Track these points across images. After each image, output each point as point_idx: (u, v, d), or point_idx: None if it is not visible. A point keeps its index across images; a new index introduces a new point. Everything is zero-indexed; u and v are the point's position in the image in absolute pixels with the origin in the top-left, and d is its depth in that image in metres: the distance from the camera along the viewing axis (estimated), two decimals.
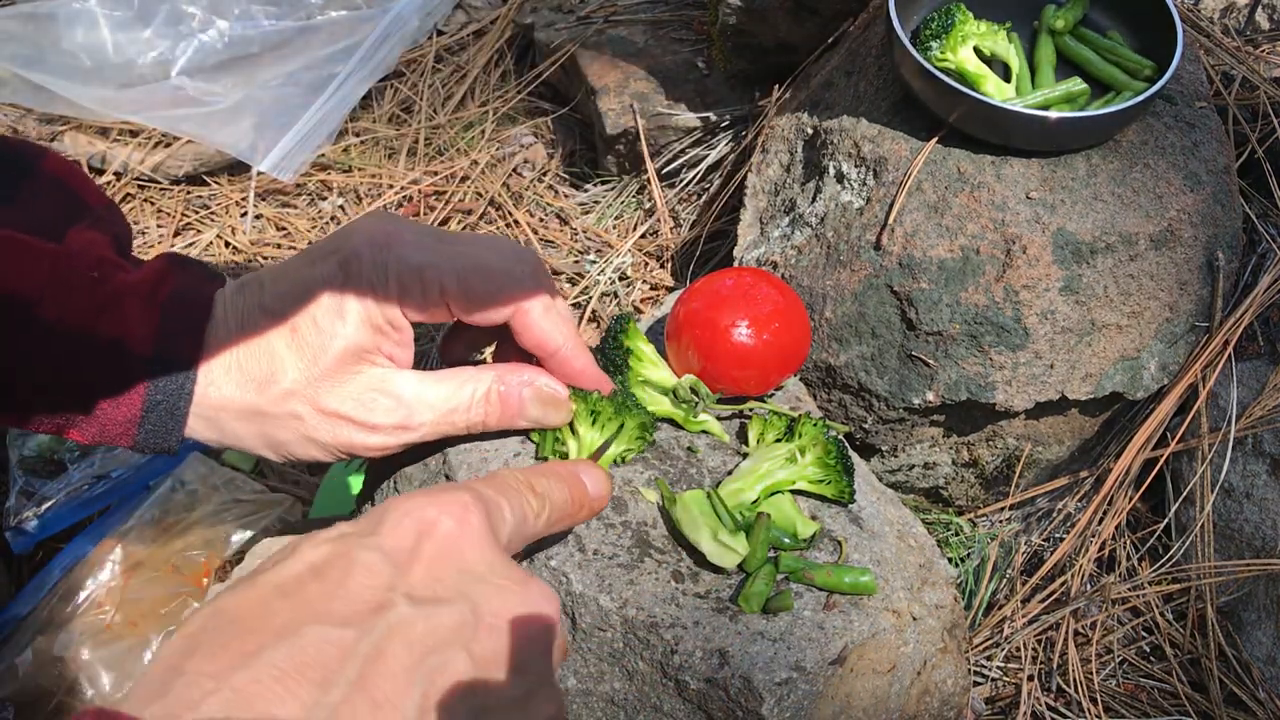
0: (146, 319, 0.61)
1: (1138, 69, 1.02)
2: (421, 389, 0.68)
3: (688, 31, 1.59)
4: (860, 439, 1.05)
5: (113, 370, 0.61)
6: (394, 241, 0.65)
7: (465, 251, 0.67)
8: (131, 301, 0.61)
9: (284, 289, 0.65)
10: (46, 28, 1.56)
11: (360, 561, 0.45)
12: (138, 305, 0.62)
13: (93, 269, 0.61)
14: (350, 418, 0.65)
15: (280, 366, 0.64)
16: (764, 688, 0.66)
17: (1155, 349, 1.00)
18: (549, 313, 0.70)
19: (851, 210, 1.03)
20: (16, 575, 1.19)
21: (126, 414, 0.62)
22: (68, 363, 0.61)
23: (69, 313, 0.60)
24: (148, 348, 0.61)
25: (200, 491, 1.16)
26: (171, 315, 0.62)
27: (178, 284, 0.63)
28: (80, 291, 0.60)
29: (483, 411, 0.69)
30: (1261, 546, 1.02)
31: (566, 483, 0.59)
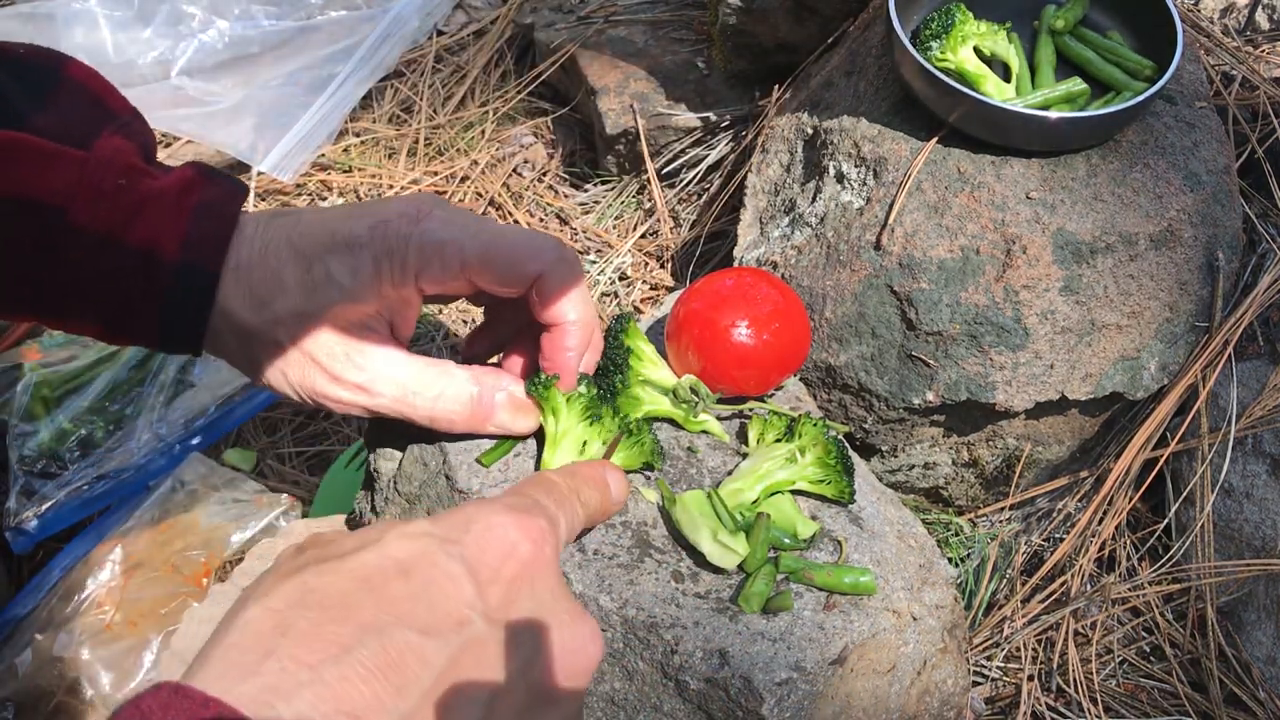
0: (174, 226, 0.63)
1: (1138, 69, 1.02)
2: (393, 362, 0.69)
3: (688, 31, 1.59)
4: (860, 439, 1.05)
5: (140, 275, 0.63)
6: (424, 216, 0.67)
7: (494, 229, 0.69)
8: (159, 208, 0.63)
9: (314, 232, 0.67)
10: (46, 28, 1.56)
11: (444, 570, 0.45)
12: (166, 213, 0.63)
13: (120, 176, 0.63)
14: (320, 364, 0.67)
15: (281, 295, 0.66)
16: (764, 688, 0.66)
17: (1155, 349, 1.00)
18: (571, 285, 0.70)
19: (851, 210, 1.03)
20: (16, 575, 1.19)
21: (154, 316, 0.65)
22: (97, 266, 0.63)
23: (98, 218, 0.62)
24: (175, 254, 0.63)
25: (200, 491, 1.16)
26: (198, 224, 0.64)
27: (204, 194, 0.65)
28: (108, 197, 0.62)
29: (454, 409, 0.71)
30: (1261, 546, 1.02)
31: (599, 489, 0.60)
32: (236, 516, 1.15)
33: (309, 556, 0.45)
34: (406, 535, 0.46)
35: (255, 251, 0.66)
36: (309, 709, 0.38)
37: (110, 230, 0.62)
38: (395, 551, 0.45)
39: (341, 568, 0.44)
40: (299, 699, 0.38)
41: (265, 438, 1.31)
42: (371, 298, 0.67)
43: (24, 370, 1.24)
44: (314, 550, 0.46)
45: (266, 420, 1.32)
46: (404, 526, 0.47)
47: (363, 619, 0.42)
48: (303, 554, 0.45)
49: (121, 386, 1.25)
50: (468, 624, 0.44)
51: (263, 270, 0.65)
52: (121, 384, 1.25)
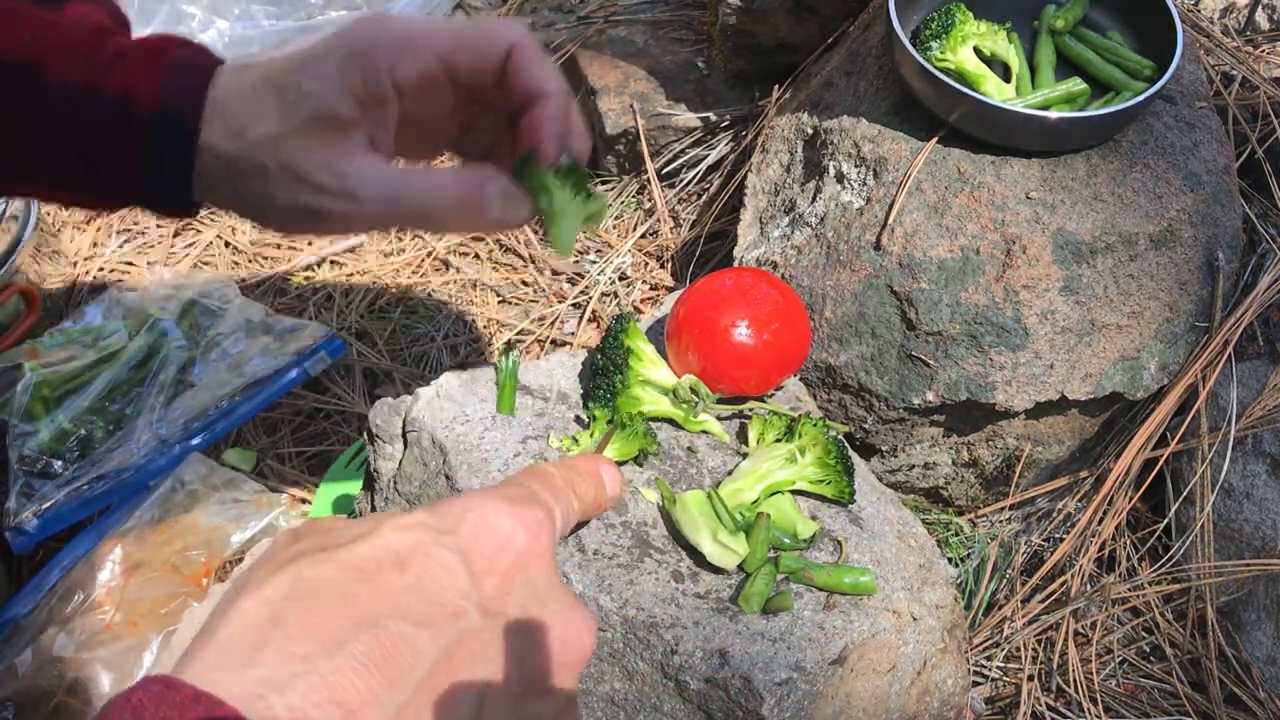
0: (151, 76, 0.63)
1: (1138, 69, 1.02)
2: (377, 166, 0.68)
3: (688, 31, 1.59)
4: (860, 439, 1.05)
5: (119, 123, 0.63)
6: (387, 18, 0.68)
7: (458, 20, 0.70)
8: (135, 60, 0.64)
9: (282, 59, 0.67)
10: None
11: (439, 560, 0.45)
12: (142, 64, 0.64)
13: (93, 33, 0.64)
14: (302, 176, 0.66)
15: (258, 121, 0.65)
16: (764, 688, 0.66)
17: (1155, 349, 1.00)
18: (545, 55, 0.70)
19: (851, 210, 1.03)
20: (16, 575, 1.19)
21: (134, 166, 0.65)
22: (78, 119, 0.63)
23: (73, 70, 0.62)
24: (154, 99, 0.63)
25: (200, 491, 1.16)
26: (175, 75, 0.64)
27: (180, 51, 0.65)
28: (82, 51, 0.63)
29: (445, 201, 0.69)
30: (1261, 546, 1.02)
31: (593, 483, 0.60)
32: (236, 516, 1.15)
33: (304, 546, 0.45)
34: (401, 526, 0.46)
35: (232, 90, 0.66)
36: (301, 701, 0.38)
37: (84, 81, 0.62)
38: (390, 542, 0.45)
39: (336, 558, 0.44)
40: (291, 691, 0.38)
41: (265, 438, 1.31)
42: (344, 103, 0.66)
43: (24, 370, 1.23)
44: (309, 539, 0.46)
45: (266, 420, 1.32)
46: (399, 518, 0.47)
47: (357, 611, 0.42)
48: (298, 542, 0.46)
49: (121, 386, 1.25)
50: (462, 615, 0.44)
51: (240, 103, 0.66)
52: (121, 384, 1.25)
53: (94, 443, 1.20)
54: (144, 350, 1.27)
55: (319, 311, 1.43)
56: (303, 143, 0.66)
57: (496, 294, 1.44)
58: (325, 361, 1.29)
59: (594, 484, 0.60)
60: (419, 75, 0.67)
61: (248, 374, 1.25)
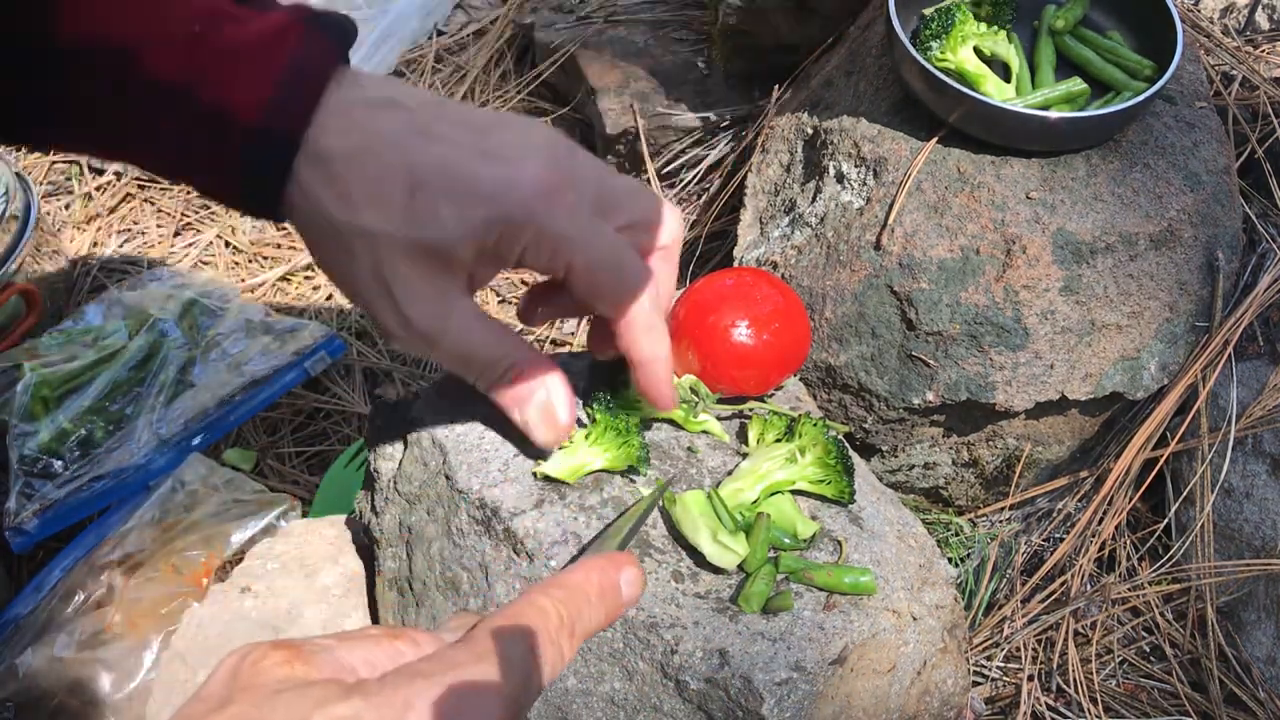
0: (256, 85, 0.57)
1: (1138, 69, 1.02)
2: (466, 321, 0.65)
3: (688, 31, 1.59)
4: (860, 439, 1.05)
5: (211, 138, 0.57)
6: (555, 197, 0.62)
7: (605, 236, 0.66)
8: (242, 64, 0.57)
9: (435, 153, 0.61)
10: None
11: None
12: (249, 69, 0.57)
13: (197, 22, 0.56)
14: (395, 296, 0.62)
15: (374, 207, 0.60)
16: (764, 688, 0.66)
17: (1155, 349, 1.00)
18: (649, 330, 0.69)
19: (851, 210, 1.03)
20: (16, 575, 1.19)
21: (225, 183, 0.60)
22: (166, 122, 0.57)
23: (166, 68, 0.56)
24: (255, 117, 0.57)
25: (200, 491, 1.16)
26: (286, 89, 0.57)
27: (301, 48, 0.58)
28: (178, 46, 0.56)
29: (493, 379, 0.69)
30: (1261, 546, 1.02)
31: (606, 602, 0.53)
32: (236, 516, 1.15)
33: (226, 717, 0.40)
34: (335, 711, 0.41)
35: (354, 143, 0.59)
36: None
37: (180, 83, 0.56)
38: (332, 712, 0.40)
39: None
40: None
41: (265, 438, 1.31)
42: (469, 252, 0.62)
43: (24, 370, 1.24)
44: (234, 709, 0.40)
45: (266, 420, 1.32)
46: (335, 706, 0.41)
47: None
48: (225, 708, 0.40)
49: (121, 386, 1.25)
50: None
51: (361, 168, 0.59)
52: (121, 384, 1.25)
53: (94, 443, 1.20)
54: (144, 350, 1.27)
55: (319, 311, 1.43)
56: (409, 263, 0.62)
57: (496, 294, 1.44)
58: (325, 361, 1.29)
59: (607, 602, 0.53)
60: (542, 270, 0.65)
61: (248, 374, 1.25)
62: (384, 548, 0.80)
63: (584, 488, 0.74)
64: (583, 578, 0.53)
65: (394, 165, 0.60)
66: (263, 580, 0.87)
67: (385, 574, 0.80)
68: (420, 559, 0.76)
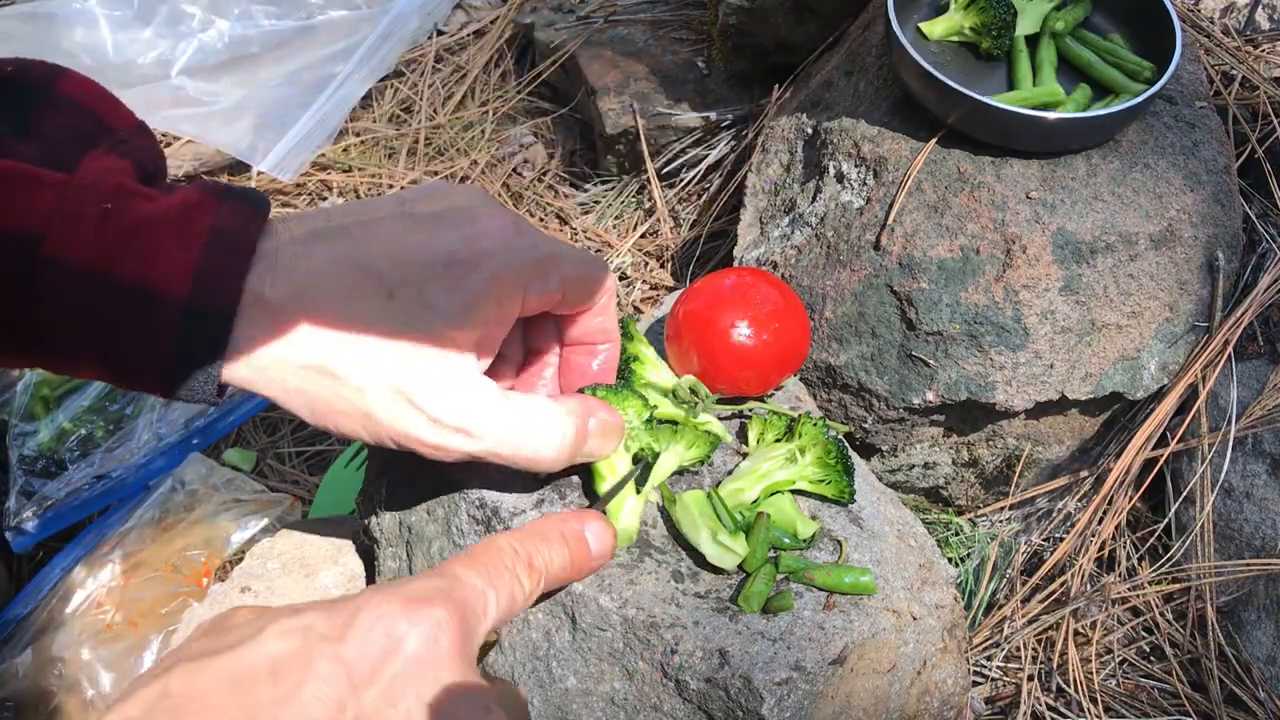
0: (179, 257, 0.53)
1: (1138, 70, 1.02)
2: (498, 402, 0.61)
3: (688, 31, 1.59)
4: (860, 439, 1.05)
5: (137, 316, 0.54)
6: (521, 229, 0.61)
7: (563, 242, 0.66)
8: (160, 237, 0.54)
9: (385, 248, 0.58)
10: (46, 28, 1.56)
11: (318, 671, 0.43)
12: (168, 241, 0.54)
13: (106, 199, 0.53)
14: (418, 405, 0.58)
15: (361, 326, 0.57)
16: (764, 687, 0.66)
17: (1155, 349, 1.00)
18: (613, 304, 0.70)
19: (851, 210, 1.03)
20: (16, 575, 1.19)
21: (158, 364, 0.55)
22: (85, 308, 0.53)
23: (80, 249, 0.52)
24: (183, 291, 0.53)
25: (200, 491, 1.16)
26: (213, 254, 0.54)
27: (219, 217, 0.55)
28: (90, 224, 0.52)
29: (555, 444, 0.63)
30: (1261, 546, 1.02)
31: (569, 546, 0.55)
32: (236, 516, 1.15)
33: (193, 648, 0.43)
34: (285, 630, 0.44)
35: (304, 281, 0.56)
36: None
37: (96, 262, 0.53)
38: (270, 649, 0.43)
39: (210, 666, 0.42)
40: None
41: (265, 438, 1.31)
42: (477, 323, 0.59)
43: (24, 370, 1.24)
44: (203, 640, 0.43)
45: (266, 420, 1.32)
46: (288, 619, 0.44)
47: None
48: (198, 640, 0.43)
49: None
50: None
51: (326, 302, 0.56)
52: None
53: (94, 443, 1.20)
54: None
55: None
56: (422, 365, 0.58)
57: None
58: None
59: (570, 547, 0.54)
60: (544, 303, 0.63)
61: None
62: (384, 548, 0.80)
63: (584, 487, 0.74)
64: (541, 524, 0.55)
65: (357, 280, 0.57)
66: (263, 580, 0.87)
67: (385, 574, 0.80)
68: (420, 559, 0.76)
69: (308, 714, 0.42)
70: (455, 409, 0.59)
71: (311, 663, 0.43)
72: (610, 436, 0.68)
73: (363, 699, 0.43)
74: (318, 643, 0.44)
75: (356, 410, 0.58)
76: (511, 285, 0.60)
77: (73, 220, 0.52)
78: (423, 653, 0.45)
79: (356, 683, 0.43)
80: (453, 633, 0.46)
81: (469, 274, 0.58)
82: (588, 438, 0.65)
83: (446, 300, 0.58)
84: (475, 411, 0.60)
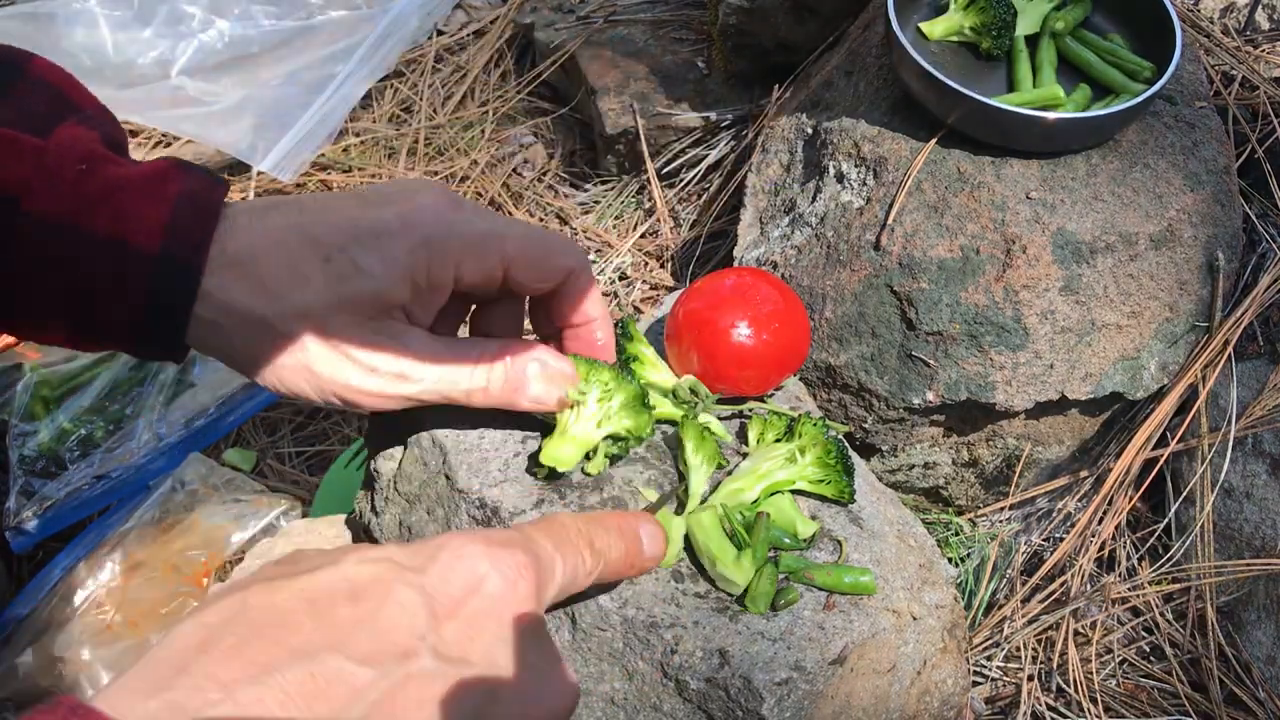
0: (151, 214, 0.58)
1: (1137, 70, 1.02)
2: (432, 345, 0.66)
3: (688, 31, 1.59)
4: (860, 439, 1.05)
5: (112, 267, 0.58)
6: (460, 208, 0.65)
7: (522, 223, 0.68)
8: (132, 195, 0.58)
9: (329, 219, 0.63)
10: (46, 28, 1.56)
11: (398, 598, 0.43)
12: (140, 199, 0.58)
13: (80, 162, 0.58)
14: (353, 356, 0.63)
15: (300, 287, 0.61)
16: (764, 687, 0.66)
17: (1155, 349, 1.00)
18: (594, 282, 0.70)
19: (851, 210, 1.03)
20: (16, 575, 1.19)
21: (127, 315, 0.59)
22: (61, 261, 0.57)
23: (57, 205, 0.57)
24: (154, 244, 0.58)
25: (200, 491, 1.16)
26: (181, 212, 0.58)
27: (185, 183, 0.60)
28: (68, 183, 0.57)
29: (484, 379, 0.68)
30: (1261, 546, 1.02)
31: (625, 540, 0.57)
32: (236, 516, 1.15)
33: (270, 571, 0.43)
34: (366, 559, 0.44)
35: (256, 241, 0.61)
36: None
37: (72, 217, 0.57)
38: (350, 573, 0.43)
39: (289, 586, 0.42)
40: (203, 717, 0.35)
41: (265, 438, 1.31)
42: (404, 289, 0.63)
43: (24, 370, 1.24)
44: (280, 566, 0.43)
45: (266, 420, 1.32)
46: (367, 549, 0.45)
47: (295, 640, 0.39)
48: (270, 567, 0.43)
49: (121, 386, 1.25)
50: (413, 657, 0.41)
51: (271, 262, 0.61)
52: (121, 384, 1.25)
53: (94, 443, 1.20)
54: None
55: None
56: (355, 320, 0.62)
57: None
58: None
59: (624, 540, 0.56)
60: (483, 276, 0.66)
61: None
62: None
63: (584, 488, 0.74)
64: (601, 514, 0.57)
65: (300, 244, 0.61)
66: None
67: None
68: None
69: (386, 639, 0.41)
70: (389, 357, 0.64)
71: (392, 589, 0.43)
72: (554, 383, 0.70)
73: (442, 630, 0.43)
74: (400, 571, 0.44)
75: (300, 365, 0.63)
76: (440, 255, 0.64)
77: (50, 179, 0.56)
78: (504, 593, 0.45)
79: (437, 614, 0.43)
80: (531, 580, 0.47)
81: (396, 242, 0.62)
82: (526, 380, 0.68)
83: (376, 264, 0.62)
84: (409, 356, 0.65)
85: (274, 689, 0.37)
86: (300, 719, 0.37)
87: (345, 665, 0.39)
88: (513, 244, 0.65)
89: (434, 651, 0.42)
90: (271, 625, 0.40)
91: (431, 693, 0.41)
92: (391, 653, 0.41)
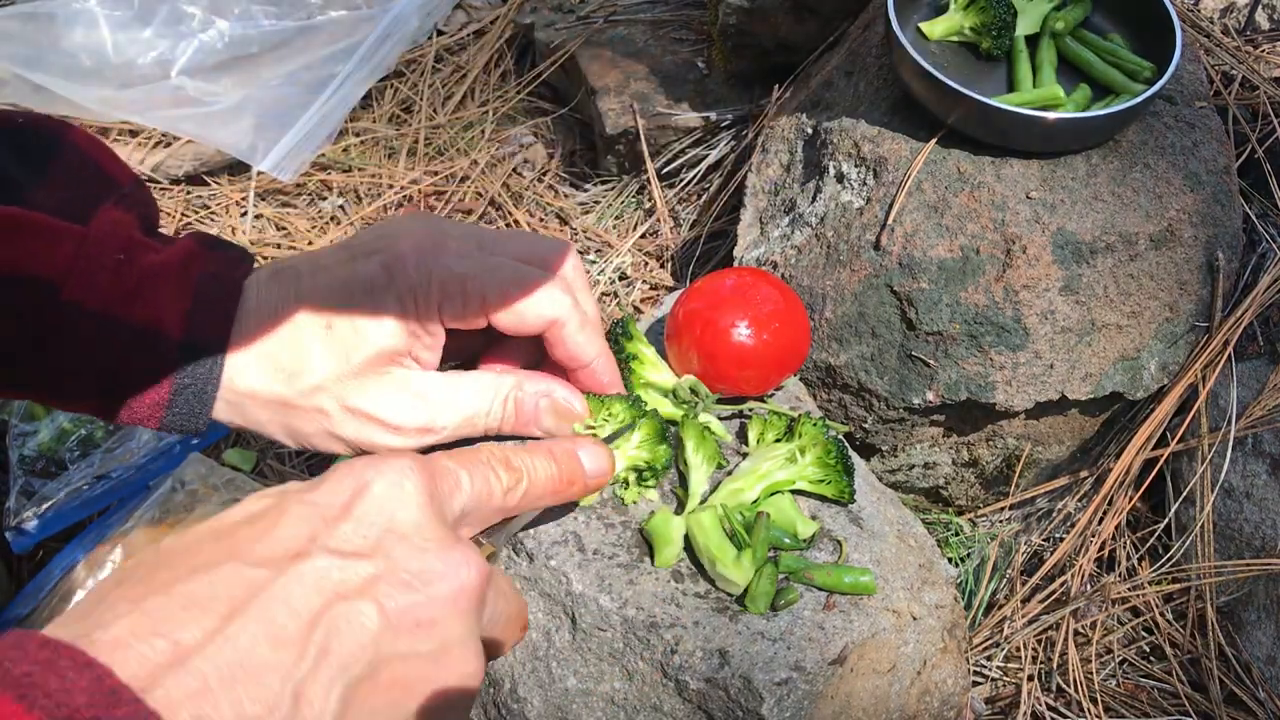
0: (177, 302, 0.62)
1: (1137, 70, 1.02)
2: (446, 391, 0.69)
3: (688, 31, 1.59)
4: (860, 439, 1.05)
5: (143, 354, 0.62)
6: (440, 249, 0.67)
7: (506, 263, 0.69)
8: (161, 284, 0.62)
9: (323, 283, 0.66)
10: (46, 28, 1.56)
11: (291, 512, 0.47)
12: (168, 288, 0.63)
13: (119, 251, 0.62)
14: (376, 417, 0.67)
15: (310, 361, 0.65)
16: (764, 687, 0.66)
17: (1155, 349, 1.00)
18: (583, 327, 0.71)
19: (851, 210, 1.03)
20: (16, 575, 1.19)
21: (155, 396, 0.64)
22: (96, 345, 0.62)
23: (95, 296, 0.61)
24: (178, 331, 0.63)
25: (200, 491, 1.16)
26: (202, 298, 0.63)
27: (207, 266, 0.64)
28: (105, 274, 0.61)
29: (499, 416, 0.71)
30: (1261, 546, 1.02)
31: (556, 459, 0.59)
32: None
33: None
34: (265, 493, 0.48)
35: (265, 319, 0.65)
36: (126, 634, 0.39)
37: (109, 307, 0.61)
38: (250, 506, 0.47)
39: (196, 528, 0.46)
40: (115, 627, 0.39)
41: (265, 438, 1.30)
42: (402, 338, 0.67)
43: None
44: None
45: None
46: (267, 489, 0.49)
47: (197, 561, 0.43)
48: None
49: None
50: (307, 556, 0.45)
51: (280, 340, 0.65)
52: None
53: (94, 443, 1.20)
54: None
55: None
56: (369, 385, 0.66)
57: None
58: None
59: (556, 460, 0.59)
60: (464, 322, 0.68)
61: None
62: None
63: None
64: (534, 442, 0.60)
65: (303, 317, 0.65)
66: None
67: None
68: None
69: (281, 545, 0.45)
70: (409, 412, 0.67)
71: (286, 508, 0.47)
72: (563, 418, 0.72)
73: (334, 530, 0.47)
74: (292, 494, 0.48)
75: (326, 432, 0.67)
76: (423, 303, 0.66)
77: (90, 269, 0.61)
78: (389, 492, 0.49)
79: (327, 519, 0.47)
80: (418, 480, 0.50)
81: (385, 295, 0.66)
82: (538, 414, 0.71)
83: (372, 325, 0.65)
84: (429, 408, 0.68)
85: (176, 597, 0.41)
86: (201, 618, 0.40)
87: (241, 569, 0.43)
88: (494, 291, 0.67)
89: (326, 549, 0.46)
90: (178, 554, 0.44)
91: (328, 582, 0.44)
92: (285, 555, 0.45)
